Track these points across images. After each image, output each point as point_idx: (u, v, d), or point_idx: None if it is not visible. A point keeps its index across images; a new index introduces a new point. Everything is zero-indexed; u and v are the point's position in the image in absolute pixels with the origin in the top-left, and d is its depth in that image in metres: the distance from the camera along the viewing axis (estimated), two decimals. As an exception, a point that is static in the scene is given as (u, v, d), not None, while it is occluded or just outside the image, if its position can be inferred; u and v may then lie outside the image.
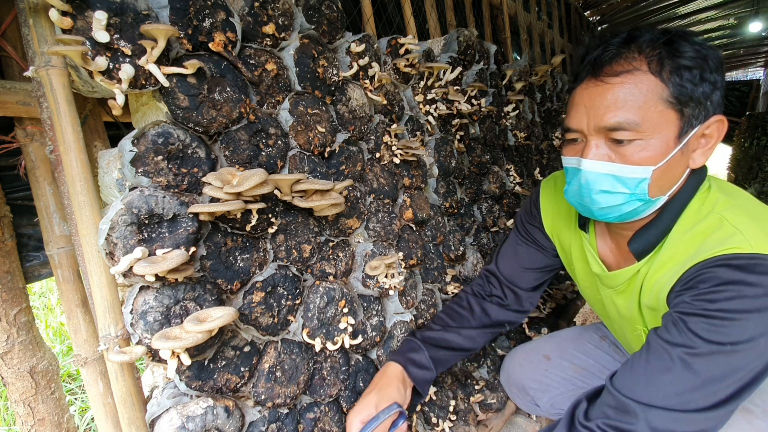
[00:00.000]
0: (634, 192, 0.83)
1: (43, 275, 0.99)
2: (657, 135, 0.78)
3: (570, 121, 0.88)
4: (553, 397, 1.35)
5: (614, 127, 0.79)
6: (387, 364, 1.18)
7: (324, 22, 1.15)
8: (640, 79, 0.78)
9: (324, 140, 1.10)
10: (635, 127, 0.78)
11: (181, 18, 0.82)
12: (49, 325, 3.16)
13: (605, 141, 0.83)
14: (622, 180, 0.82)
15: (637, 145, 0.79)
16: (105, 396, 0.85)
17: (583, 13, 4.38)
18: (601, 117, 0.80)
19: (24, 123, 0.84)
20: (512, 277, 1.30)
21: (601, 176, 0.84)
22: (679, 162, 0.82)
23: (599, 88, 0.81)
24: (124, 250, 0.73)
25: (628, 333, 1.11)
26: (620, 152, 0.81)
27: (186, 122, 0.82)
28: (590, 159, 0.84)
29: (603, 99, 0.80)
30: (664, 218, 0.89)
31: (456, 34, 1.66)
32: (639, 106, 0.77)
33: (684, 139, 0.80)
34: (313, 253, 1.07)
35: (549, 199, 1.23)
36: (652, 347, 0.81)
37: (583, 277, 1.18)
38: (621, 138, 0.80)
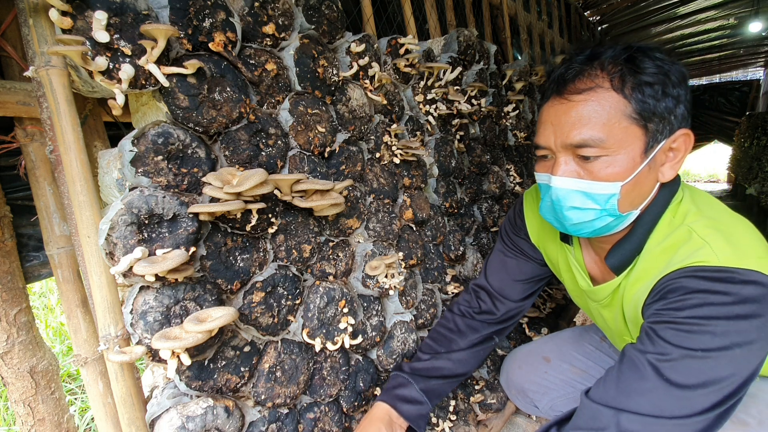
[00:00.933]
0: (605, 208, 0.83)
1: (43, 275, 0.98)
2: (623, 151, 0.79)
3: (539, 138, 0.88)
4: (553, 399, 1.35)
5: (580, 144, 0.80)
6: (374, 405, 1.13)
7: (324, 22, 1.15)
8: (602, 96, 0.79)
9: (324, 140, 1.10)
10: (600, 144, 0.78)
11: (181, 18, 0.82)
12: (49, 325, 3.16)
13: (573, 158, 0.83)
14: (592, 196, 0.83)
15: (604, 162, 0.80)
16: (105, 396, 0.85)
17: (583, 13, 4.38)
18: (567, 134, 0.81)
19: (24, 123, 0.84)
20: (503, 289, 1.27)
21: (571, 192, 0.84)
22: (647, 177, 0.83)
23: (564, 106, 0.82)
24: (124, 250, 0.73)
25: (618, 342, 1.11)
26: (588, 169, 0.82)
27: (186, 122, 0.82)
28: (559, 176, 0.84)
29: (568, 117, 0.81)
30: (637, 232, 0.89)
31: (456, 34, 1.66)
32: (603, 123, 0.78)
33: (650, 154, 0.81)
34: (313, 253, 1.07)
35: (533, 209, 1.21)
36: (626, 358, 0.81)
37: (572, 288, 1.17)
38: (587, 154, 0.80)
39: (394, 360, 1.26)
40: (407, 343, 1.30)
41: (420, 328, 1.40)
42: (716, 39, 6.53)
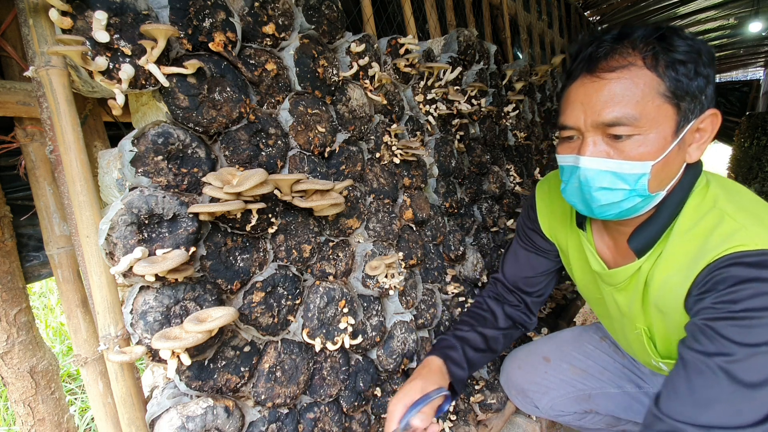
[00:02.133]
0: (634, 188, 0.82)
1: (43, 275, 0.98)
2: (655, 130, 0.78)
3: (566, 118, 0.86)
4: (553, 399, 1.35)
5: (612, 123, 0.78)
6: (428, 358, 1.16)
7: (324, 22, 1.15)
8: (636, 73, 0.77)
9: (324, 140, 1.10)
10: (634, 122, 0.77)
11: (181, 18, 0.82)
12: (49, 325, 3.16)
13: (603, 137, 0.82)
14: (622, 176, 0.81)
15: (636, 141, 0.79)
16: (105, 396, 0.85)
17: (583, 13, 4.38)
18: (599, 113, 0.79)
19: (24, 123, 0.84)
20: (517, 283, 1.31)
21: (600, 173, 0.83)
22: (676, 157, 0.82)
23: (595, 84, 0.80)
24: (124, 250, 0.73)
25: (628, 332, 1.10)
26: (618, 148, 0.80)
27: (186, 122, 0.82)
28: (588, 156, 0.83)
29: (600, 94, 0.79)
30: (662, 214, 0.88)
31: (456, 34, 1.66)
32: (637, 101, 0.77)
33: (681, 134, 0.80)
34: (313, 253, 1.07)
35: (544, 200, 1.23)
36: (689, 363, 0.78)
37: (581, 276, 1.18)
38: (619, 133, 0.79)
39: (394, 360, 1.26)
40: (407, 343, 1.30)
41: (420, 328, 1.40)
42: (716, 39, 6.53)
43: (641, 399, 1.28)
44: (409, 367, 1.32)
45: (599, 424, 1.37)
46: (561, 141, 0.92)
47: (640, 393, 1.28)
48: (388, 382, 1.28)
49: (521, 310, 1.32)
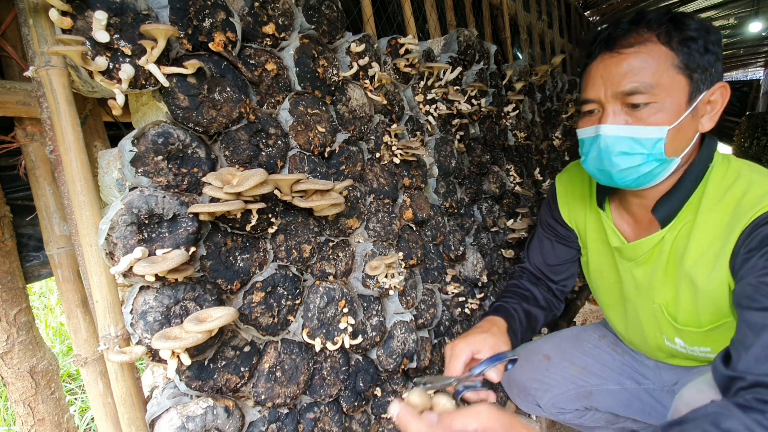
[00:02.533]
0: (651, 152, 0.89)
1: (43, 275, 0.98)
2: (669, 98, 0.86)
3: (587, 92, 0.95)
4: (555, 397, 1.35)
5: (631, 92, 0.86)
6: (495, 318, 1.13)
7: (324, 22, 1.15)
8: (651, 48, 0.86)
9: (324, 140, 1.10)
10: (650, 90, 0.85)
11: (181, 18, 0.82)
12: (49, 325, 3.16)
13: (622, 107, 0.89)
14: (640, 141, 0.88)
15: (652, 108, 0.86)
16: (105, 396, 0.85)
17: (583, 13, 4.37)
18: (618, 83, 0.88)
19: (24, 123, 0.84)
20: (543, 270, 1.36)
21: (619, 139, 0.90)
22: (690, 124, 0.89)
23: (615, 59, 0.89)
24: (124, 250, 0.73)
25: (642, 311, 1.11)
26: (636, 116, 0.88)
27: (186, 122, 0.82)
28: (609, 124, 0.90)
29: (619, 67, 0.88)
30: (685, 183, 0.95)
31: (456, 34, 1.66)
32: (653, 72, 0.85)
33: (693, 103, 0.87)
34: (313, 253, 1.07)
35: (564, 188, 1.30)
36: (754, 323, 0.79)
37: (597, 259, 1.22)
38: (637, 102, 0.87)
39: (394, 360, 1.26)
40: (407, 343, 1.30)
41: (420, 328, 1.40)
42: (716, 39, 6.50)
43: (641, 396, 1.28)
44: (409, 367, 1.32)
45: (599, 422, 1.38)
46: (581, 116, 1.00)
47: (640, 389, 1.29)
48: (388, 382, 1.28)
49: (551, 295, 1.36)
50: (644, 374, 1.29)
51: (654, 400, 1.26)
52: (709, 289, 0.92)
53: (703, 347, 1.03)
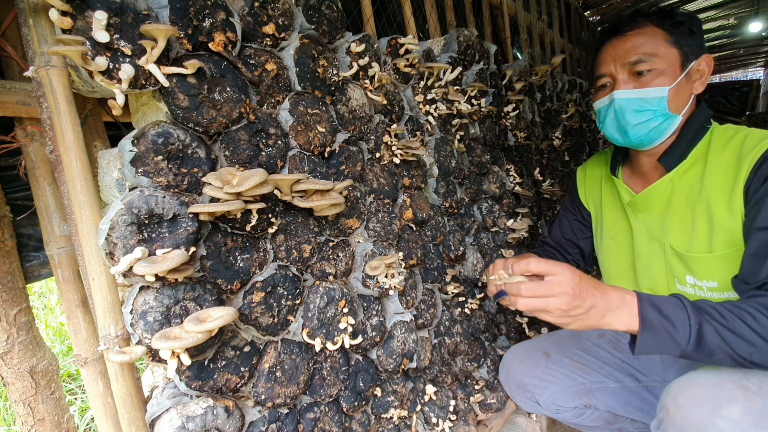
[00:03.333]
0: (657, 108, 1.09)
1: (43, 275, 0.99)
2: (666, 65, 1.07)
3: (601, 68, 1.17)
4: (554, 393, 1.36)
5: (636, 61, 1.08)
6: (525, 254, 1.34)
7: (324, 22, 1.15)
8: (649, 30, 1.10)
9: (324, 140, 1.10)
10: (650, 59, 1.07)
11: (181, 18, 0.82)
12: (49, 325, 3.16)
13: (629, 75, 1.11)
14: (647, 100, 1.09)
15: (653, 73, 1.08)
16: (105, 396, 0.85)
17: (583, 13, 4.37)
18: (625, 56, 1.10)
19: (24, 123, 0.84)
20: (561, 243, 1.58)
21: (630, 100, 1.11)
22: (685, 86, 1.10)
23: (621, 40, 1.12)
24: (124, 250, 0.73)
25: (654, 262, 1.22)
26: (642, 81, 1.09)
27: (186, 122, 0.82)
28: (621, 89, 1.12)
29: (625, 45, 1.11)
30: (686, 134, 1.13)
31: (456, 34, 1.66)
32: (651, 45, 1.08)
33: (686, 69, 1.09)
34: (313, 253, 1.07)
35: (583, 174, 1.53)
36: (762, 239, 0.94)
37: (611, 223, 1.36)
38: (641, 69, 1.08)
39: (394, 360, 1.26)
40: (407, 343, 1.30)
41: (420, 328, 1.40)
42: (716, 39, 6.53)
43: (641, 393, 1.29)
44: (409, 367, 1.32)
45: (597, 421, 1.38)
46: (596, 92, 1.22)
47: (640, 387, 1.29)
48: (388, 382, 1.28)
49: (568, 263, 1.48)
50: (645, 372, 1.30)
51: (654, 397, 1.27)
52: (725, 216, 1.04)
53: (711, 281, 1.09)
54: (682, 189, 1.14)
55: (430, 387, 1.39)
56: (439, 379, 1.46)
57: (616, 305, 0.88)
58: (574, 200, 1.55)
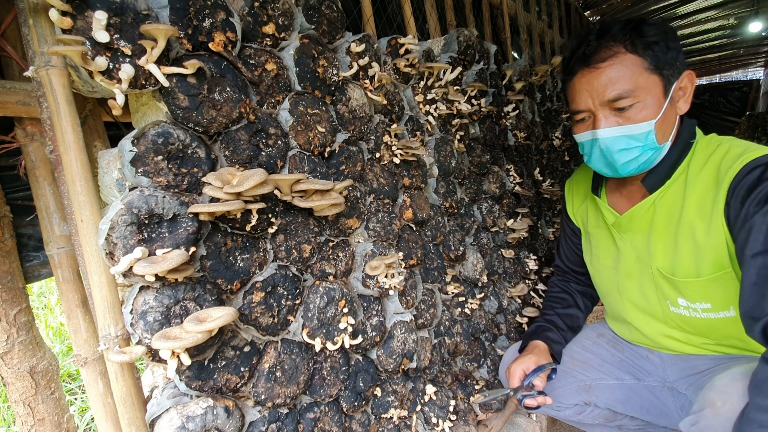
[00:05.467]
0: (645, 143, 1.03)
1: (43, 275, 0.99)
2: (649, 96, 1.00)
3: (577, 104, 1.08)
4: (554, 391, 1.36)
5: (615, 98, 1.00)
6: (534, 342, 1.36)
7: (324, 22, 1.15)
8: (623, 58, 1.00)
9: (324, 140, 1.10)
10: (631, 94, 0.99)
11: (181, 18, 0.82)
12: (49, 325, 3.16)
13: (610, 111, 1.03)
14: (634, 137, 1.02)
15: (637, 107, 1.00)
16: (105, 396, 0.85)
17: (583, 13, 4.37)
18: (603, 93, 1.01)
19: (24, 123, 0.84)
20: (570, 265, 1.53)
21: (616, 139, 1.04)
22: (670, 112, 1.04)
23: (594, 73, 1.02)
24: (124, 250, 0.73)
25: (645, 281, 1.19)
26: (625, 116, 1.01)
27: (186, 122, 0.82)
28: (603, 128, 1.04)
29: (599, 80, 1.01)
30: (671, 155, 1.07)
31: (456, 34, 1.66)
32: (629, 78, 0.99)
33: (669, 94, 1.01)
34: (313, 253, 1.07)
35: (570, 190, 1.49)
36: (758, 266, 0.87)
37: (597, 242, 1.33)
38: (622, 105, 1.00)
39: (394, 360, 1.26)
40: (407, 343, 1.30)
41: (420, 328, 1.40)
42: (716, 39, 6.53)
43: (640, 392, 1.29)
44: (408, 367, 1.32)
45: (597, 419, 1.38)
46: (575, 123, 1.13)
47: (640, 385, 1.29)
48: (388, 382, 1.28)
49: (581, 286, 1.52)
50: (645, 370, 1.30)
51: (653, 396, 1.27)
52: (708, 238, 1.01)
53: (704, 303, 1.08)
54: (663, 210, 1.11)
55: (430, 387, 1.39)
56: (439, 379, 1.46)
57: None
58: (565, 217, 1.52)
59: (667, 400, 1.23)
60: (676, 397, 1.21)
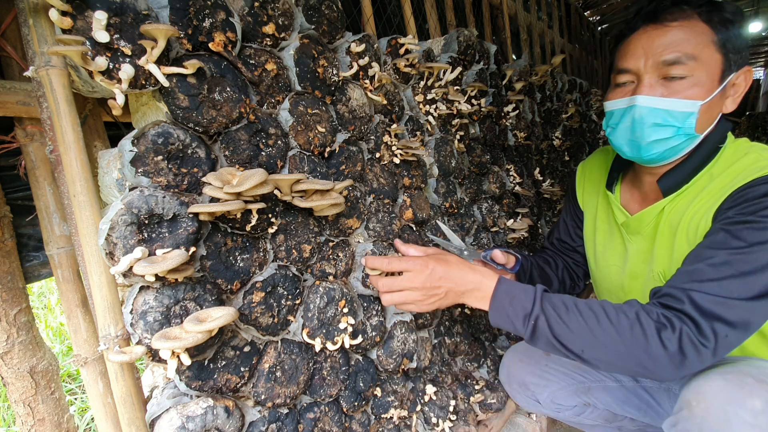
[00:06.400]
0: (683, 126, 0.94)
1: (43, 275, 0.98)
2: (705, 73, 0.91)
3: (626, 62, 0.99)
4: (554, 392, 1.36)
5: (673, 61, 0.91)
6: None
7: (324, 22, 1.15)
8: (694, 24, 0.92)
9: (324, 140, 1.10)
10: (690, 62, 0.90)
11: (181, 18, 0.82)
12: (49, 325, 3.16)
13: (659, 78, 0.94)
14: (673, 114, 0.93)
15: (688, 81, 0.91)
16: (105, 396, 0.85)
17: (583, 13, 4.37)
18: (661, 53, 0.92)
19: (24, 123, 0.84)
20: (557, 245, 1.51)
21: (654, 111, 0.94)
22: (718, 103, 0.95)
23: (658, 31, 0.93)
24: (124, 250, 0.73)
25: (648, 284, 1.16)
26: (672, 88, 0.93)
27: (186, 122, 0.82)
28: (645, 95, 0.94)
29: (663, 39, 0.93)
30: (695, 158, 1.00)
31: (456, 34, 1.66)
32: (694, 45, 0.91)
33: (725, 81, 0.93)
34: (313, 253, 1.07)
35: (583, 173, 1.42)
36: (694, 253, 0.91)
37: (604, 238, 1.29)
38: (676, 73, 0.92)
39: (394, 360, 1.26)
40: (407, 343, 1.30)
41: (420, 328, 1.40)
42: (716, 39, 6.48)
43: (639, 393, 1.29)
44: (408, 367, 1.32)
45: (597, 420, 1.38)
46: (613, 88, 1.04)
47: (638, 387, 1.29)
48: (388, 382, 1.28)
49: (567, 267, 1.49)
50: None
51: (651, 397, 1.27)
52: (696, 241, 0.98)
53: None
54: (671, 214, 1.05)
55: (430, 387, 1.39)
56: (439, 379, 1.46)
57: (472, 287, 0.97)
58: (572, 200, 1.47)
59: (664, 401, 1.23)
60: (672, 398, 1.21)
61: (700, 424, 0.82)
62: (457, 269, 0.98)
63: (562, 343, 0.88)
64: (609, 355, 0.86)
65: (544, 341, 0.91)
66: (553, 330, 0.89)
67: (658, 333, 0.83)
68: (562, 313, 0.89)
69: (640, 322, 0.84)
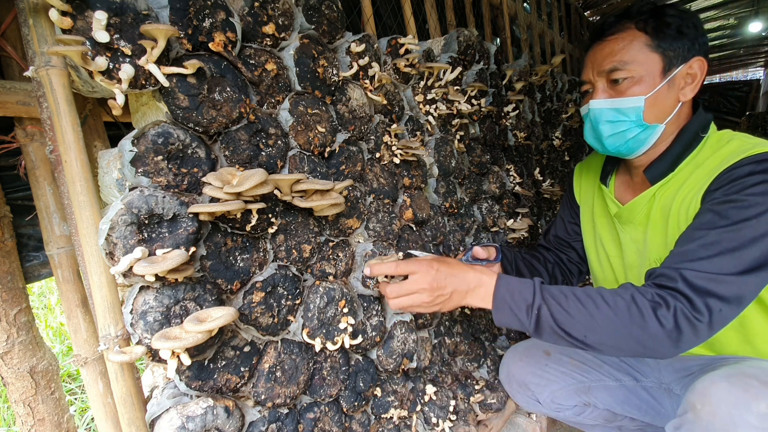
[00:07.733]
0: (632, 119, 1.06)
1: (43, 275, 0.98)
2: (644, 73, 1.03)
3: (583, 75, 1.16)
4: (554, 392, 1.36)
5: (611, 69, 1.05)
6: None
7: (324, 22, 1.15)
8: (629, 33, 1.05)
9: (324, 140, 1.10)
10: (626, 67, 1.03)
11: (181, 18, 0.82)
12: (49, 325, 3.16)
13: (606, 84, 1.08)
14: (621, 110, 1.06)
15: (630, 81, 1.04)
16: (105, 396, 0.85)
17: (583, 13, 4.37)
18: (601, 63, 1.08)
19: (24, 123, 0.84)
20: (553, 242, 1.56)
21: (604, 110, 1.09)
22: (667, 95, 1.04)
23: (599, 46, 1.09)
24: (124, 250, 0.73)
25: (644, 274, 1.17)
26: (618, 90, 1.06)
27: (186, 122, 0.82)
28: (597, 99, 1.10)
29: (602, 52, 1.08)
30: (677, 146, 1.08)
31: (456, 34, 1.66)
32: (628, 51, 1.03)
33: (669, 76, 1.03)
34: (313, 253, 1.07)
35: (580, 171, 1.51)
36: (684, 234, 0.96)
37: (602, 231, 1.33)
38: (617, 77, 1.05)
39: (394, 360, 1.26)
40: (407, 343, 1.30)
41: (420, 328, 1.40)
42: (716, 39, 6.53)
43: (638, 392, 1.29)
44: (409, 367, 1.32)
45: (597, 419, 1.38)
46: (581, 97, 1.19)
47: (638, 386, 1.29)
48: (388, 382, 1.28)
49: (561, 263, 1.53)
50: (642, 372, 1.30)
51: (651, 397, 1.27)
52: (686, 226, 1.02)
53: None
54: (661, 202, 1.11)
55: (430, 387, 1.39)
56: (439, 379, 1.46)
57: (474, 285, 0.99)
58: (569, 197, 1.53)
59: (664, 401, 1.23)
60: (672, 398, 1.21)
61: (706, 428, 0.82)
62: (459, 269, 1.01)
63: (566, 331, 0.91)
64: (610, 337, 0.89)
65: (549, 331, 0.93)
66: (556, 318, 0.91)
67: (653, 311, 0.85)
68: (562, 301, 0.92)
69: (635, 302, 0.87)
